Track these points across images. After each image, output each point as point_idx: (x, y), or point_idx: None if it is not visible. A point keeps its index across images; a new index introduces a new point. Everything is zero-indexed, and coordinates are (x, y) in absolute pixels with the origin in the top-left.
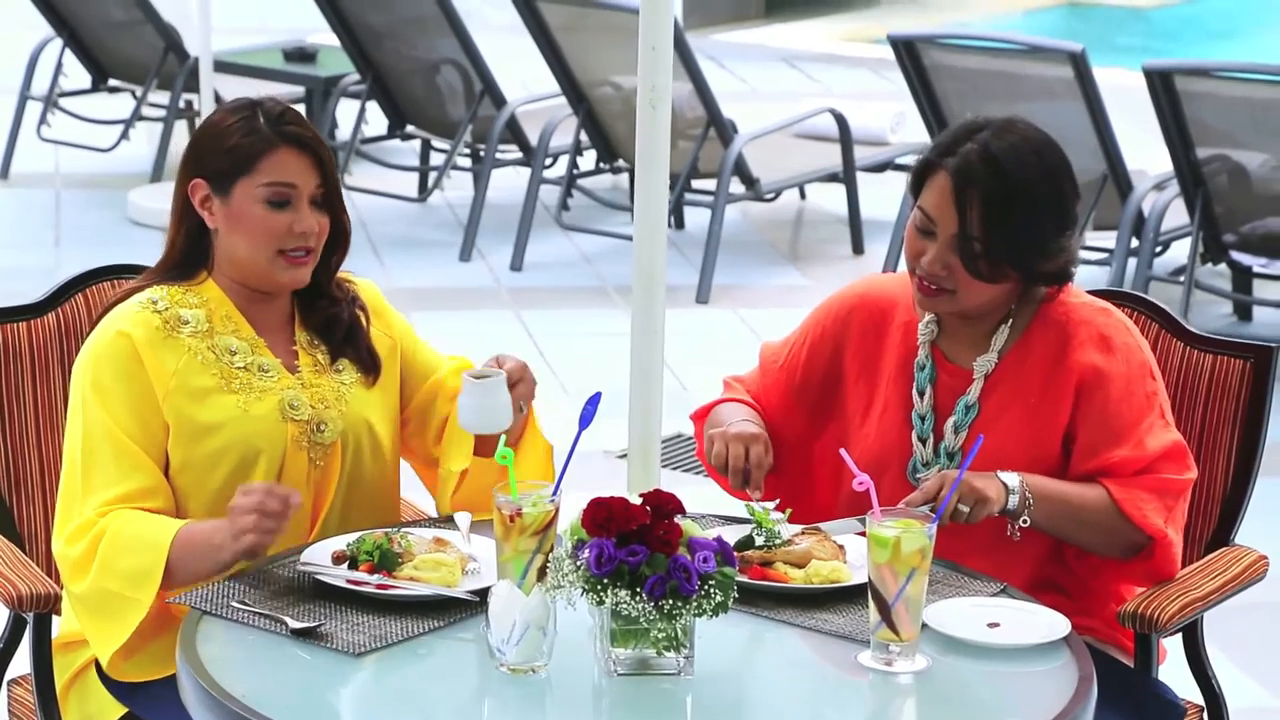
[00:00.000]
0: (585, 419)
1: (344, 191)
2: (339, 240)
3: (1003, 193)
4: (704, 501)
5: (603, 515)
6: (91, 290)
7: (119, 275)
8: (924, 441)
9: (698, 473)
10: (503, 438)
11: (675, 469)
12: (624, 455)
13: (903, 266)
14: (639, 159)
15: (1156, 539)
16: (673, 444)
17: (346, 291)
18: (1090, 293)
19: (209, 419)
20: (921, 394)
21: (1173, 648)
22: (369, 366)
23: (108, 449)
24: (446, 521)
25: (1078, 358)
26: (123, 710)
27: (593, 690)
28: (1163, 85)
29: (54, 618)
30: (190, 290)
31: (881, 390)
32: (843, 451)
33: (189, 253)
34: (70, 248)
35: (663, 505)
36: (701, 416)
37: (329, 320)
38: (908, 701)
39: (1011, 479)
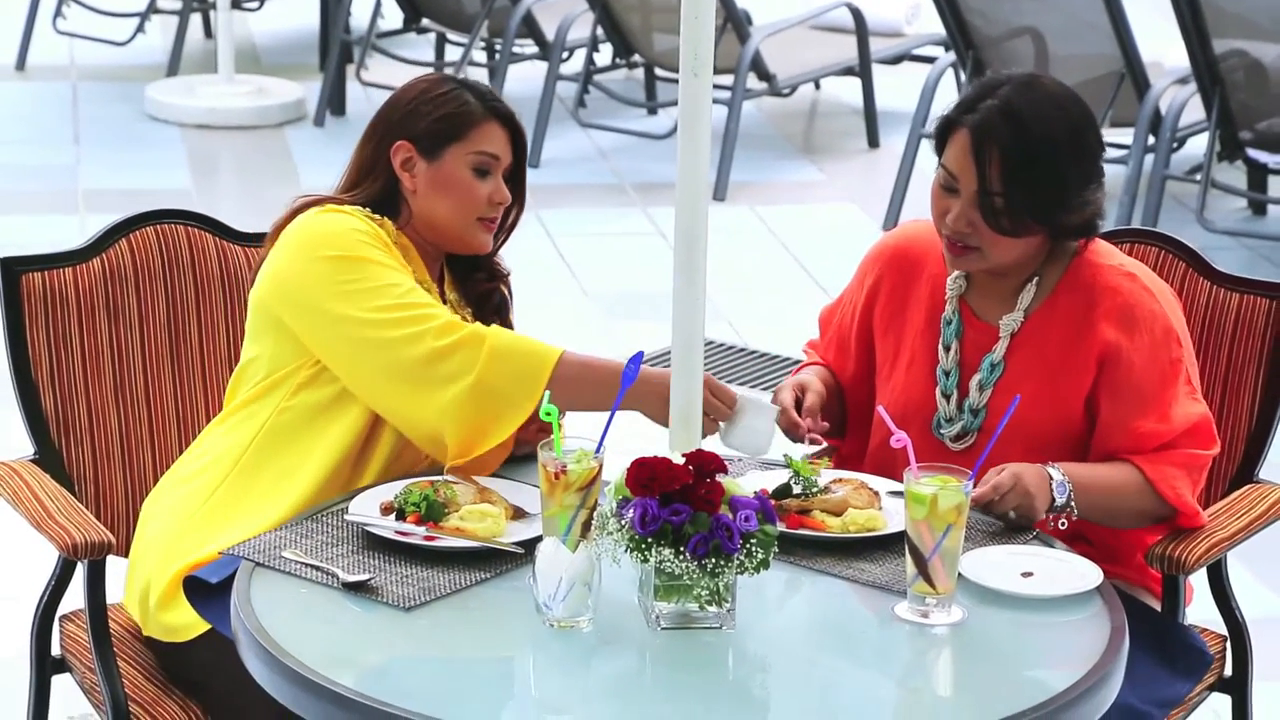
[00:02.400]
0: (628, 378)
1: (360, 86)
2: (505, 223)
3: (1022, 147)
4: None
5: (646, 475)
6: (136, 235)
7: (161, 220)
8: (948, 398)
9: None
10: (546, 394)
11: None
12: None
13: (909, 213)
14: (681, 128)
15: (1187, 514)
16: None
17: (500, 270)
18: (1118, 234)
19: None
20: (947, 349)
21: (1198, 581)
22: None
23: (410, 286)
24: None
25: (1101, 330)
26: (206, 626)
27: (637, 643)
28: None
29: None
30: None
31: (908, 343)
32: (880, 409)
33: (380, 205)
34: (90, 145)
35: (705, 465)
36: None
37: (484, 295)
38: (944, 653)
39: (1059, 475)
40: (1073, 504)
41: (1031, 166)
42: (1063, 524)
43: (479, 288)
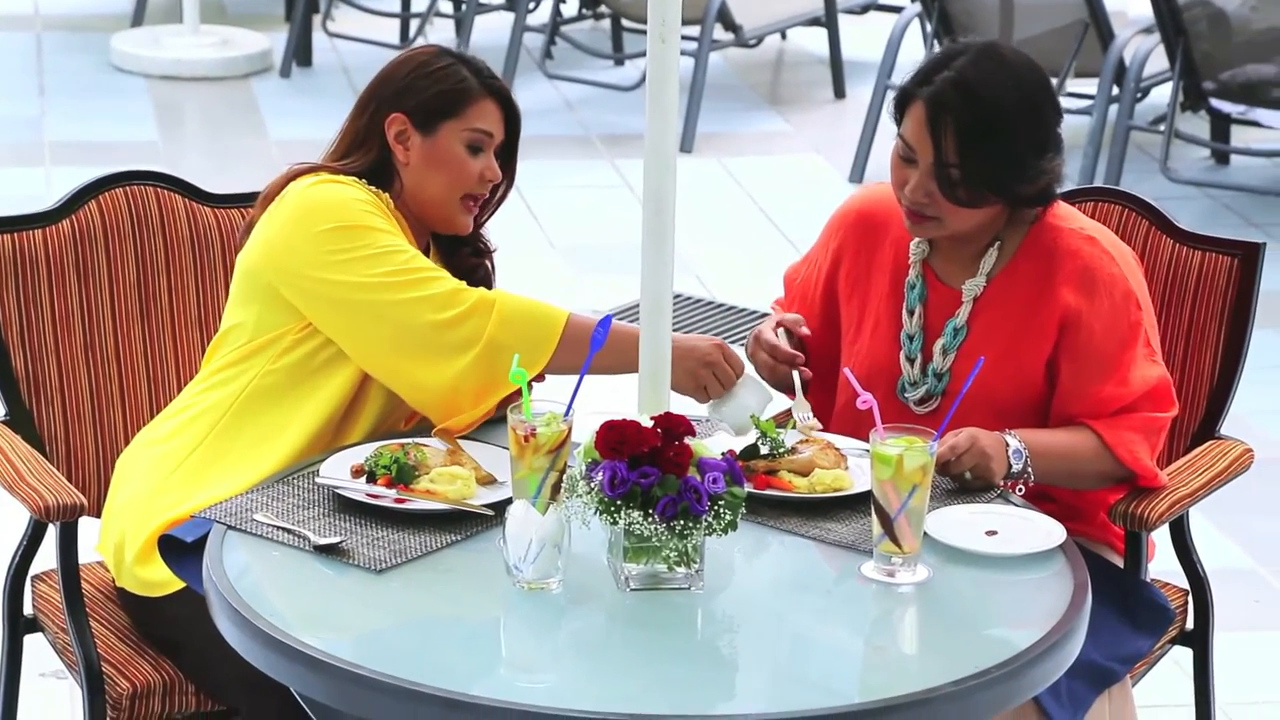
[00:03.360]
0: (597, 342)
1: (327, 37)
2: (493, 198)
3: (976, 119)
4: None
5: (615, 438)
6: (105, 197)
7: (131, 181)
8: (912, 362)
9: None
10: (515, 357)
11: None
12: (612, 314)
13: (875, 164)
14: (649, 94)
15: (1145, 476)
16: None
17: (486, 245)
18: (1082, 193)
19: None
20: (911, 313)
21: (1160, 535)
22: None
23: (413, 252)
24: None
25: (1062, 294)
26: (181, 584)
27: (606, 604)
28: None
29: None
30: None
31: (873, 307)
32: (846, 370)
33: (371, 176)
34: (55, 96)
35: (673, 427)
36: None
37: (470, 269)
38: (909, 611)
39: (1016, 443)
40: (1029, 471)
41: (986, 139)
42: (1020, 490)
43: (464, 262)
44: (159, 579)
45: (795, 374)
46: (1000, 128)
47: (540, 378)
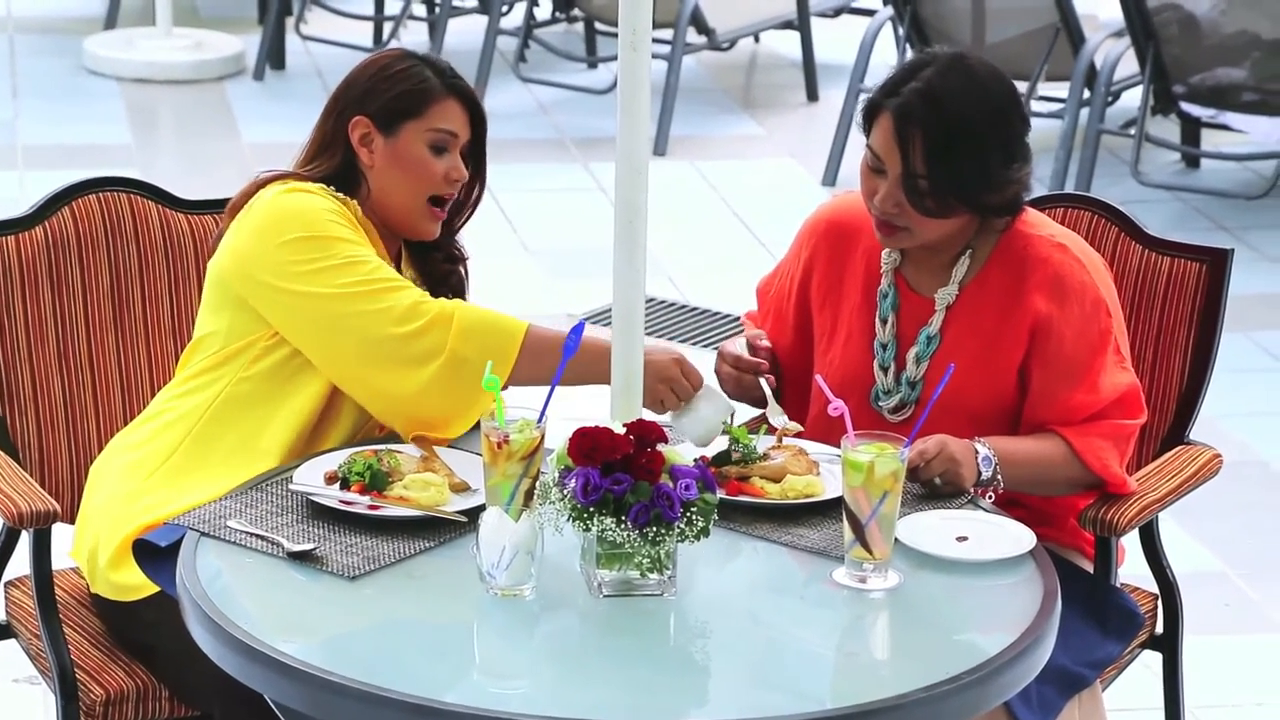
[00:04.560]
0: (570, 348)
1: (300, 40)
2: (466, 201)
3: (944, 131)
4: None
5: (588, 445)
6: (79, 204)
7: (104, 188)
8: (885, 370)
9: (660, 336)
10: (489, 364)
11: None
12: (586, 318)
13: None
14: (621, 102)
15: (1114, 483)
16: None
17: (460, 252)
18: (1052, 199)
19: None
20: (884, 322)
21: (1130, 540)
22: None
23: (377, 263)
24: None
25: (1032, 301)
26: (155, 588)
27: (579, 610)
28: None
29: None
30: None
31: (845, 316)
32: (818, 378)
33: (339, 180)
34: (28, 98)
35: (645, 434)
36: None
37: (443, 275)
38: (880, 616)
39: (985, 450)
40: (999, 478)
41: (953, 149)
42: (990, 497)
43: (438, 269)
44: (133, 583)
45: (763, 381)
46: (967, 138)
47: (503, 388)
